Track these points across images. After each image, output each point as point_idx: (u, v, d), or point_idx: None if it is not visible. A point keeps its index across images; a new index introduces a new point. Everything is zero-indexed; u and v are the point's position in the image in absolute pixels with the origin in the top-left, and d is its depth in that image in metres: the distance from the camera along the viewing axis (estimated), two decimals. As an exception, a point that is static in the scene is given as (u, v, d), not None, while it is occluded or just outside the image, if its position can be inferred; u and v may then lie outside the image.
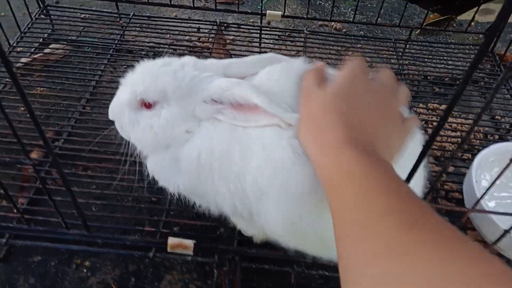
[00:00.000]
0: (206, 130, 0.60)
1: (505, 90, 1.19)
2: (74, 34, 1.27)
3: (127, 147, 0.68)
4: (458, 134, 1.06)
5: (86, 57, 1.20)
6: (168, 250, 0.74)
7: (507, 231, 0.62)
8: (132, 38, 1.28)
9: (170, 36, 1.28)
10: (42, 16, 1.28)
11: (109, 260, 0.81)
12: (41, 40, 1.23)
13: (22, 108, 1.04)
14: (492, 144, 0.92)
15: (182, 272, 0.80)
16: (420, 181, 0.63)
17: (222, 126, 0.59)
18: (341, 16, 1.49)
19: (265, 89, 0.57)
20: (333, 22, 1.40)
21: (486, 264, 0.33)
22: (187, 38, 1.29)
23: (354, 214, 0.40)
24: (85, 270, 0.79)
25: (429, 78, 1.24)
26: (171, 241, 0.73)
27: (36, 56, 1.18)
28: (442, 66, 1.26)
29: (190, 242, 0.74)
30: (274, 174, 0.55)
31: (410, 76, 1.23)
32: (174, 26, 1.29)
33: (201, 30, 1.32)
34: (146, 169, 0.67)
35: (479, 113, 0.44)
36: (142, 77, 0.61)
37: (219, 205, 0.64)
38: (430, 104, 1.16)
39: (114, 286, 0.78)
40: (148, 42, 1.26)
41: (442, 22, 1.41)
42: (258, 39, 1.27)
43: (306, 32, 1.30)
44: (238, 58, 0.64)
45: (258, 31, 1.27)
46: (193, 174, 0.61)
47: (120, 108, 0.63)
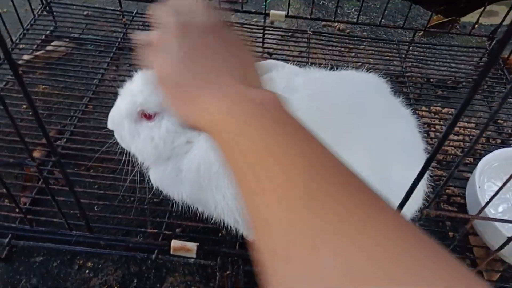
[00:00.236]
0: (205, 141, 0.59)
1: (508, 94, 1.18)
2: (77, 31, 1.26)
3: (127, 156, 0.68)
4: (460, 138, 1.06)
5: (89, 54, 1.20)
6: (170, 252, 0.74)
7: (511, 238, 0.61)
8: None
9: (173, 34, 1.28)
10: (45, 12, 1.27)
11: (111, 261, 0.81)
12: (43, 37, 1.22)
13: (24, 106, 1.04)
14: (494, 148, 0.93)
15: (184, 274, 0.80)
16: (420, 188, 0.63)
17: None
18: (344, 16, 1.49)
19: None
20: (336, 23, 1.40)
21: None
22: (190, 37, 1.28)
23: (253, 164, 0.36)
24: (87, 271, 0.79)
25: (432, 80, 1.24)
26: (174, 243, 0.73)
27: (38, 53, 1.17)
28: (445, 68, 1.26)
29: (193, 245, 0.74)
30: None
31: (413, 78, 1.23)
32: (177, 24, 1.28)
33: (204, 29, 1.32)
34: (149, 180, 0.67)
35: (486, 122, 0.44)
36: (141, 87, 0.60)
37: (220, 214, 0.64)
38: (432, 107, 1.15)
39: None
40: (151, 41, 1.25)
41: (446, 24, 1.41)
42: (261, 39, 1.27)
43: (310, 32, 1.30)
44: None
45: (261, 31, 1.26)
46: (194, 185, 0.61)
47: (119, 119, 0.62)
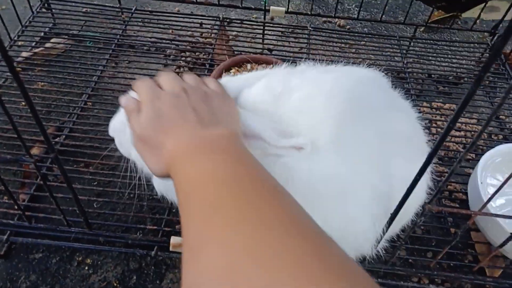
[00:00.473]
0: None
1: (510, 89, 1.18)
2: (76, 28, 1.25)
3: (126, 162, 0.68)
4: (462, 133, 1.05)
5: (88, 51, 1.19)
6: (170, 249, 0.74)
7: (513, 234, 0.61)
8: (134, 33, 1.27)
9: (172, 31, 1.27)
10: (44, 9, 1.26)
11: (110, 257, 0.80)
12: (42, 34, 1.21)
13: (23, 103, 1.03)
14: (496, 144, 0.92)
15: (184, 270, 0.79)
16: (423, 183, 0.63)
17: None
18: (345, 12, 1.48)
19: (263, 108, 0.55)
20: (337, 19, 1.39)
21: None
22: (190, 33, 1.28)
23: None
24: (86, 268, 0.79)
25: (433, 76, 1.23)
26: (174, 240, 0.73)
27: (37, 50, 1.17)
28: (447, 64, 1.25)
29: (192, 241, 0.73)
30: None
31: (414, 74, 1.22)
32: (176, 21, 1.28)
33: (203, 25, 1.31)
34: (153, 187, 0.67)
35: (488, 119, 0.43)
36: None
37: None
38: (434, 103, 1.15)
39: (115, 284, 0.77)
40: (150, 37, 1.25)
41: (447, 19, 1.40)
42: (261, 35, 1.26)
43: (310, 28, 1.29)
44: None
45: (261, 27, 1.26)
46: None
47: (122, 126, 0.60)
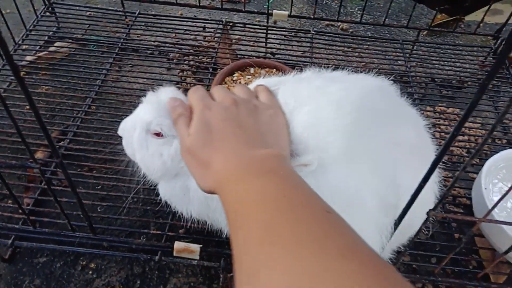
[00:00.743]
0: None
1: (513, 93, 1.17)
2: (80, 32, 1.26)
3: (130, 164, 0.68)
4: (466, 138, 1.05)
5: (92, 55, 1.20)
6: (174, 254, 0.74)
7: (518, 241, 0.61)
8: (137, 37, 1.27)
9: (175, 35, 1.28)
10: (48, 13, 1.27)
11: (114, 262, 0.81)
12: (46, 38, 1.22)
13: (27, 106, 1.04)
14: (501, 149, 0.92)
15: (187, 275, 0.79)
16: (429, 192, 0.63)
17: None
18: (348, 16, 1.48)
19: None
20: (340, 22, 1.39)
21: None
22: (193, 37, 1.28)
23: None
24: (90, 272, 0.79)
25: (436, 80, 1.23)
26: (177, 245, 0.73)
27: (41, 54, 1.17)
28: (450, 68, 1.25)
29: (196, 247, 0.73)
30: None
31: (418, 78, 1.22)
32: (179, 25, 1.28)
33: (206, 29, 1.31)
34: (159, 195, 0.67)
35: (493, 125, 0.43)
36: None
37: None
38: (437, 107, 1.15)
39: (119, 289, 0.77)
40: (153, 41, 1.25)
41: (450, 23, 1.40)
42: (264, 39, 1.26)
43: (313, 32, 1.29)
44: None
45: (264, 31, 1.26)
46: (202, 204, 0.61)
47: (132, 127, 0.61)
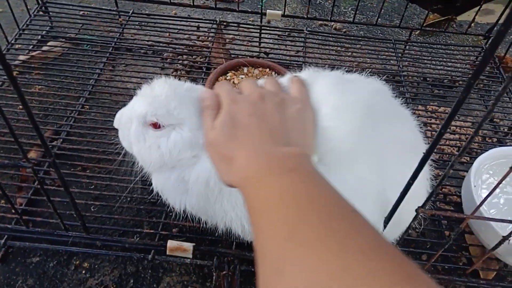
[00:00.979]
0: None
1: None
2: (73, 31, 1.26)
3: (125, 156, 0.68)
4: (456, 137, 1.06)
5: (85, 55, 1.20)
6: (167, 253, 0.74)
7: (506, 238, 0.62)
8: (131, 36, 1.27)
9: (169, 34, 1.28)
10: (41, 13, 1.26)
11: (107, 261, 0.81)
12: (39, 37, 1.22)
13: (20, 106, 1.04)
14: (490, 147, 0.93)
15: (181, 274, 0.80)
16: (422, 180, 0.64)
17: None
18: (341, 15, 1.49)
19: None
20: (333, 22, 1.40)
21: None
22: (187, 36, 1.29)
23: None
24: (83, 272, 0.79)
25: (428, 79, 1.24)
26: (170, 244, 0.73)
27: (34, 53, 1.17)
28: (442, 67, 1.26)
29: (189, 245, 0.74)
30: None
31: (410, 77, 1.23)
32: (173, 24, 1.28)
33: (200, 28, 1.32)
34: (152, 185, 0.67)
35: (480, 122, 0.44)
36: (166, 99, 0.58)
37: (227, 224, 0.64)
38: (429, 106, 1.16)
39: (112, 288, 0.78)
40: (147, 41, 1.25)
41: (442, 22, 1.41)
42: (258, 39, 1.27)
43: (306, 32, 1.30)
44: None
45: (258, 31, 1.26)
46: (201, 196, 0.61)
47: (128, 119, 0.61)
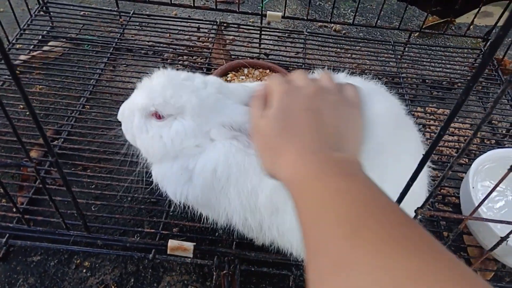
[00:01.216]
0: (222, 145, 0.60)
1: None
2: (74, 31, 1.26)
3: (126, 154, 0.68)
4: (455, 138, 1.07)
5: (86, 55, 1.20)
6: (167, 252, 0.75)
7: (504, 239, 0.62)
8: (131, 37, 1.28)
9: (170, 35, 1.28)
10: (42, 13, 1.27)
11: (108, 260, 0.81)
12: (40, 37, 1.22)
13: (21, 105, 1.04)
14: (489, 149, 0.94)
15: (181, 273, 0.80)
16: (423, 182, 0.65)
17: (239, 145, 0.60)
18: (341, 17, 1.50)
19: None
20: (332, 24, 1.40)
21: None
22: (187, 37, 1.29)
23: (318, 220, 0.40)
24: (84, 271, 0.80)
25: (427, 81, 1.25)
26: (171, 243, 0.74)
27: (35, 53, 1.17)
28: (440, 69, 1.27)
29: (189, 245, 0.74)
30: None
31: (409, 79, 1.24)
32: (174, 25, 1.29)
33: (201, 29, 1.32)
34: (151, 176, 0.67)
35: (479, 124, 0.45)
36: (162, 88, 0.59)
37: (230, 216, 0.64)
38: (428, 107, 1.16)
39: (113, 287, 0.78)
40: (148, 41, 1.26)
41: (441, 25, 1.42)
42: (258, 40, 1.27)
43: (306, 33, 1.30)
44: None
45: (258, 32, 1.27)
46: (207, 185, 0.61)
47: (131, 112, 0.63)
